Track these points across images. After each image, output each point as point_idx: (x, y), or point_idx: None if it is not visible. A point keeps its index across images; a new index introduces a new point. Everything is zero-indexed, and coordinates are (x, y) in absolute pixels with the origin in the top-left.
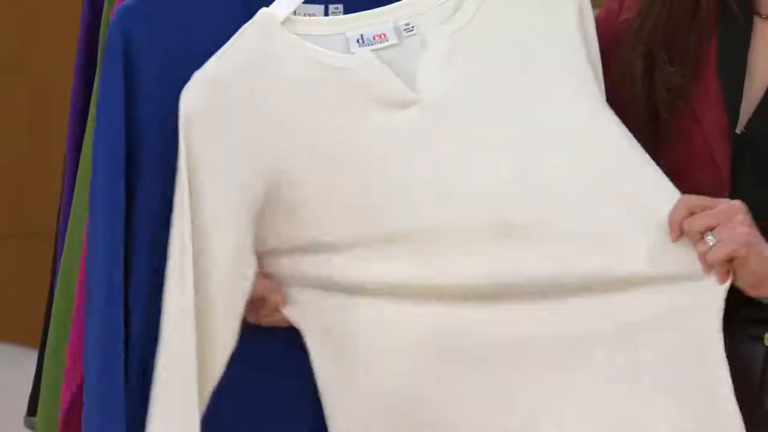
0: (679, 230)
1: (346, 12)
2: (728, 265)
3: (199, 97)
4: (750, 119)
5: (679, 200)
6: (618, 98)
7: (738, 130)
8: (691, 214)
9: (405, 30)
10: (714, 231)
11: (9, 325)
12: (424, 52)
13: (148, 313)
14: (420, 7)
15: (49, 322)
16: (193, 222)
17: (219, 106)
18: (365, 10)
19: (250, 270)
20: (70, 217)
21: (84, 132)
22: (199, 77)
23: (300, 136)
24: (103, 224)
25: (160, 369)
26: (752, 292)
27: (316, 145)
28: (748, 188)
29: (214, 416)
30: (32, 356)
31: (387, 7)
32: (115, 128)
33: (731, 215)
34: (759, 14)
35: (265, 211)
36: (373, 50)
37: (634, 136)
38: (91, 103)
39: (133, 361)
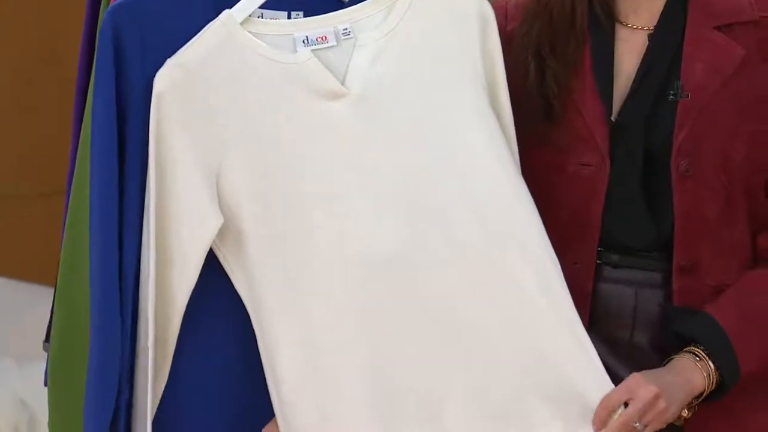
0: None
1: (306, 17)
2: None
3: (169, 80)
4: (620, 109)
5: (603, 401)
6: (513, 90)
7: (612, 118)
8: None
9: (343, 34)
10: (641, 420)
11: (36, 269)
12: (355, 53)
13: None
14: (357, 15)
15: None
16: (159, 182)
17: (184, 88)
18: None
19: (210, 222)
20: (73, 179)
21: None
22: (169, 63)
23: (246, 119)
24: (99, 191)
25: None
26: None
27: (259, 129)
28: (622, 164)
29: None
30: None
31: (330, 14)
32: (106, 110)
33: (653, 404)
34: (620, 22)
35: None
36: (314, 50)
37: (530, 120)
38: (90, 86)
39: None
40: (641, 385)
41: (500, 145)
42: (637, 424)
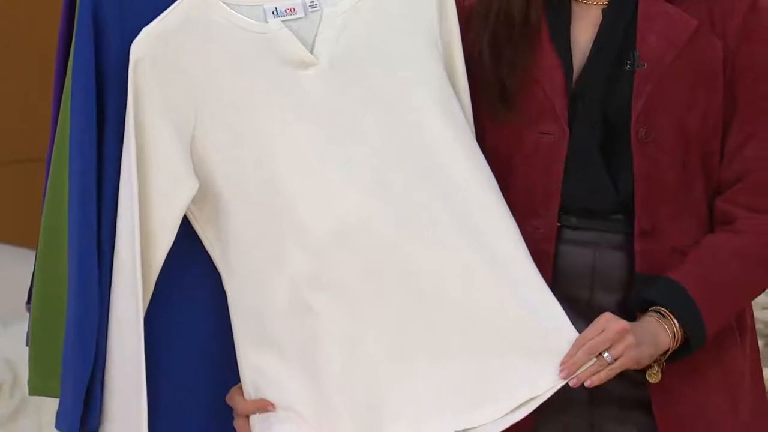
0: (573, 368)
1: None
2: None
3: (145, 48)
4: (578, 78)
5: (577, 340)
6: (474, 63)
7: (571, 86)
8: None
9: (310, 6)
10: (609, 350)
11: (20, 232)
12: (321, 26)
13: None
14: None
15: None
16: (137, 146)
17: (161, 55)
18: None
19: (184, 186)
20: (54, 144)
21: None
22: (146, 33)
23: (220, 86)
24: (78, 154)
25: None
26: None
27: (232, 95)
28: (582, 131)
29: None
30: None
31: None
32: (85, 76)
33: (621, 336)
34: None
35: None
36: (283, 21)
37: (491, 92)
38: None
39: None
40: (611, 320)
41: (457, 115)
42: (607, 355)
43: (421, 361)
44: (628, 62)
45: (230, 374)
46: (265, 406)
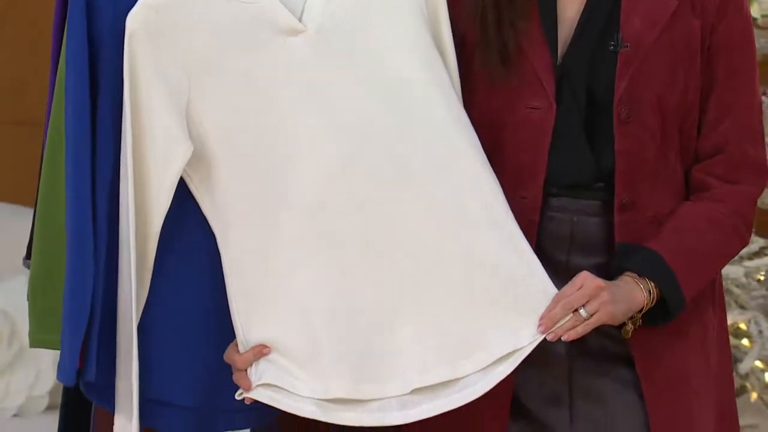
0: (551, 323)
1: None
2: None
3: (140, 20)
4: (564, 54)
5: (556, 296)
6: (466, 37)
7: (558, 63)
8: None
9: None
10: (585, 306)
11: (17, 190)
12: None
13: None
14: None
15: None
16: (133, 113)
17: (154, 27)
18: None
19: (180, 149)
20: (51, 111)
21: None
22: (140, 4)
23: (212, 54)
24: (74, 123)
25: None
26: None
27: (224, 63)
28: (567, 107)
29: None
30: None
31: None
32: (79, 46)
33: (597, 293)
34: None
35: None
36: None
37: (485, 65)
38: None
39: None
40: (588, 277)
41: (444, 80)
42: (583, 310)
43: (406, 315)
44: (612, 42)
45: (227, 332)
46: (260, 351)
